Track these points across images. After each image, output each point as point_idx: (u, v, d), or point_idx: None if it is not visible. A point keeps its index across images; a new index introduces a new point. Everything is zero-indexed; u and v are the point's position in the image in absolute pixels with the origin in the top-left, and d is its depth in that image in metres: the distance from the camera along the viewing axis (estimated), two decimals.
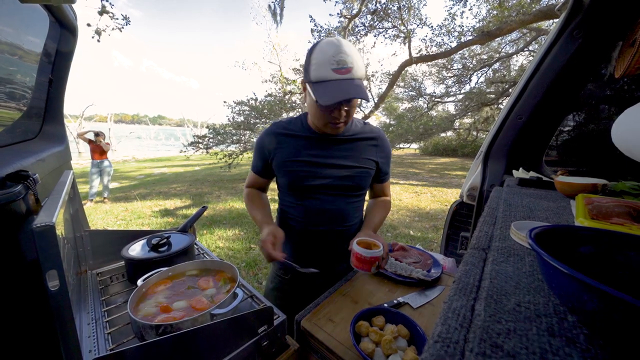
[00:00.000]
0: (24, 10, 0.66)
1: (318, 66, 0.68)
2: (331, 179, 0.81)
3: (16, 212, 0.56)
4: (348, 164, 0.82)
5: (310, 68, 0.70)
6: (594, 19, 0.89)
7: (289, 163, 0.82)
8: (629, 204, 0.48)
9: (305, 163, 0.81)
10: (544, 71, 1.01)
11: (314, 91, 0.69)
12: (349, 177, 0.83)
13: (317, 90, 0.68)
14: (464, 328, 0.24)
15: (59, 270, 0.41)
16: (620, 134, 0.64)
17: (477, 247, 0.41)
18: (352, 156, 0.83)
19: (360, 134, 0.85)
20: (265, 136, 0.86)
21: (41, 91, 0.86)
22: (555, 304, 0.26)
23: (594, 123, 1.07)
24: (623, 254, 0.28)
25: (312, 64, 0.69)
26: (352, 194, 0.86)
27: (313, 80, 0.69)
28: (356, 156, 0.83)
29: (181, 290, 0.66)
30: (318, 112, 0.74)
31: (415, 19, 6.70)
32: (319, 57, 0.68)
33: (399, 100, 14.81)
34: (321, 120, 0.76)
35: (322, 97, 0.67)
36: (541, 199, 0.70)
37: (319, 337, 0.58)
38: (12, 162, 0.62)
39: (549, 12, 4.75)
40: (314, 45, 0.71)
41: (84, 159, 12.31)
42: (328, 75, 0.67)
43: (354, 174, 0.83)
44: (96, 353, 0.54)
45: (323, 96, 0.67)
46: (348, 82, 0.67)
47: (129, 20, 5.70)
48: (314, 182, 0.81)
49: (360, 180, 0.85)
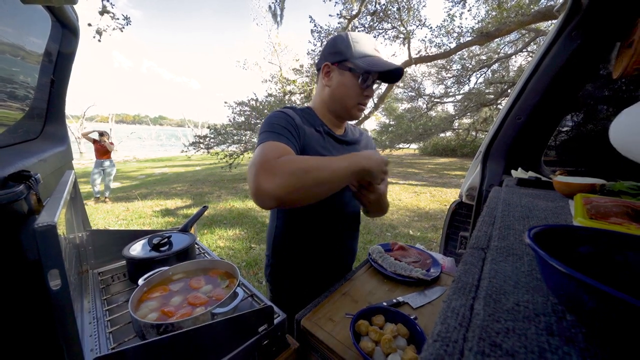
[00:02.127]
0: (25, 10, 0.67)
1: (360, 44, 0.73)
2: None
3: (18, 211, 0.56)
4: None
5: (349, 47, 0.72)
6: (592, 20, 0.89)
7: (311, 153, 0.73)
8: (627, 203, 0.48)
9: (325, 153, 0.78)
10: (542, 72, 1.02)
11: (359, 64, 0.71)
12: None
13: (364, 62, 0.71)
14: (463, 327, 0.24)
15: (60, 269, 0.42)
16: (618, 135, 0.64)
17: (476, 247, 0.42)
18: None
19: (357, 138, 0.90)
20: (293, 110, 0.75)
21: (43, 92, 0.87)
22: (554, 304, 0.26)
23: (592, 123, 1.08)
24: (621, 253, 0.28)
25: (352, 43, 0.72)
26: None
27: (356, 55, 0.72)
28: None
29: (182, 290, 0.66)
30: (353, 90, 0.75)
31: (414, 20, 6.71)
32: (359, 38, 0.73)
33: (399, 100, 14.81)
34: (354, 99, 0.76)
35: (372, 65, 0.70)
36: (540, 199, 0.70)
37: (319, 336, 0.58)
38: (14, 162, 0.62)
39: (548, 13, 4.76)
40: (343, 34, 0.75)
41: (85, 159, 12.31)
42: (372, 52, 0.73)
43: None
44: (98, 352, 0.54)
45: (373, 65, 0.70)
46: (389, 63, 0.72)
47: (129, 20, 5.71)
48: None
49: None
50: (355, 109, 0.77)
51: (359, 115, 0.79)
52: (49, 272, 0.41)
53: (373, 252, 0.93)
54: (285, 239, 0.86)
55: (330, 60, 0.76)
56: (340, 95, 0.76)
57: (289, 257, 0.86)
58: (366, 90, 0.75)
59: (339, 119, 0.83)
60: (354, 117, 0.80)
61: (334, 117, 0.82)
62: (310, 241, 0.84)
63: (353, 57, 0.72)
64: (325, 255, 0.86)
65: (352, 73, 0.73)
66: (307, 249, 0.84)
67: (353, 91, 0.74)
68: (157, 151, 19.07)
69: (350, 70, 0.73)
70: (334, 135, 0.81)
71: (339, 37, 0.75)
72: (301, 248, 0.84)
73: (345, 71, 0.73)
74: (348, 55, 0.73)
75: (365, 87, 0.75)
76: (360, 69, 0.71)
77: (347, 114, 0.79)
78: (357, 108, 0.77)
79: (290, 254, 0.86)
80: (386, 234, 3.71)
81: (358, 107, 0.77)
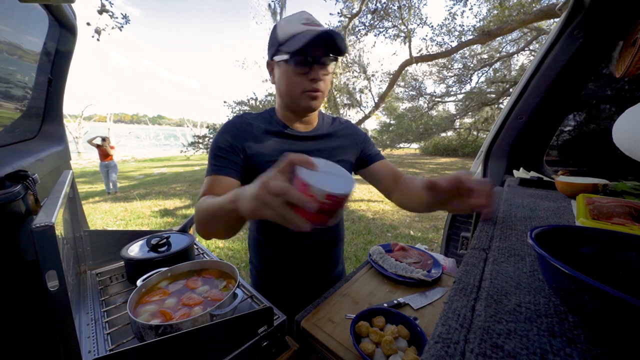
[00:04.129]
0: (23, 9, 0.66)
1: (286, 25, 0.65)
2: None
3: (15, 212, 0.56)
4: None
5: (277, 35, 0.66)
6: (594, 19, 0.88)
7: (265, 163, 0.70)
8: (630, 204, 0.48)
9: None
10: (544, 71, 1.01)
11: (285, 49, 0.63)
12: None
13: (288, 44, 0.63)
14: (465, 328, 0.24)
15: (58, 270, 0.41)
16: (621, 134, 0.64)
17: (478, 247, 0.41)
18: (329, 155, 0.77)
19: (332, 130, 0.81)
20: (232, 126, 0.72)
21: (40, 91, 0.86)
22: (556, 304, 0.26)
23: (594, 123, 1.07)
24: (624, 254, 0.28)
25: (278, 31, 0.65)
26: None
27: (281, 39, 0.64)
28: (333, 154, 0.78)
29: (180, 291, 0.66)
30: (291, 79, 0.66)
31: (415, 18, 6.71)
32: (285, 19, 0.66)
33: (399, 100, 14.81)
34: (298, 89, 0.67)
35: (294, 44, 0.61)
36: (542, 199, 0.70)
37: (319, 338, 0.58)
38: (12, 162, 0.62)
39: (550, 11, 4.75)
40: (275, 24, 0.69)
41: (83, 159, 12.32)
42: (299, 28, 0.63)
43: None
44: (96, 353, 0.54)
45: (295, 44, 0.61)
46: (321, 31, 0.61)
47: (128, 19, 5.71)
48: None
49: None
50: (302, 98, 0.68)
51: (312, 104, 0.69)
52: (46, 273, 0.40)
53: (373, 252, 0.92)
54: (259, 242, 0.83)
55: (269, 56, 0.70)
56: (283, 88, 0.70)
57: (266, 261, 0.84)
58: (309, 73, 0.65)
59: (296, 114, 0.75)
60: (308, 107, 0.70)
61: (291, 113, 0.75)
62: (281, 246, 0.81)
63: (280, 44, 0.65)
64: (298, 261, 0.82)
65: (285, 62, 0.65)
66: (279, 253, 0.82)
67: (291, 80, 0.67)
68: (155, 151, 19.09)
69: (284, 60, 0.65)
70: (293, 134, 0.75)
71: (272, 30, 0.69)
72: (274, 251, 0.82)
73: (280, 62, 0.67)
74: (277, 44, 0.66)
75: (305, 72, 0.65)
76: (288, 53, 0.63)
77: (297, 106, 0.70)
78: (306, 97, 0.68)
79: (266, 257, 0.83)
80: (387, 235, 3.70)
81: (306, 94, 0.68)
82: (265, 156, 0.71)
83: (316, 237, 0.82)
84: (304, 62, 0.64)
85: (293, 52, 0.62)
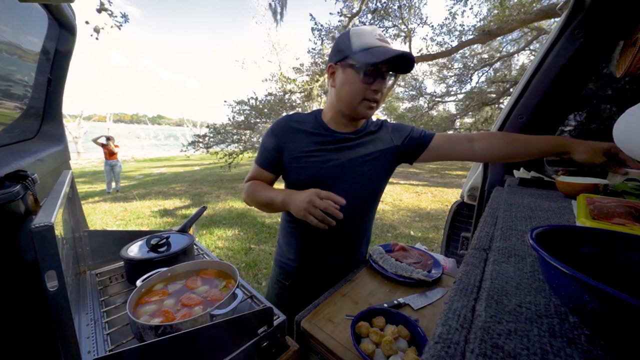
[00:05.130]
0: (22, 9, 0.66)
1: (360, 37, 0.69)
2: (347, 182, 0.79)
3: (15, 212, 0.56)
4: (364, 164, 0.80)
5: (350, 43, 0.70)
6: (595, 18, 0.88)
7: (302, 159, 0.78)
8: (631, 204, 0.48)
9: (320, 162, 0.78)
10: (545, 70, 1.01)
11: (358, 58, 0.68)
12: (364, 179, 0.81)
13: (363, 55, 0.68)
14: (465, 329, 0.24)
15: (57, 270, 0.41)
16: (621, 134, 0.64)
17: (478, 248, 0.41)
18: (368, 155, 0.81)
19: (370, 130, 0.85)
20: (277, 127, 0.82)
21: (40, 91, 0.86)
22: (557, 305, 0.26)
23: (595, 122, 1.07)
24: (624, 254, 0.28)
25: (352, 39, 0.70)
26: (367, 199, 0.84)
27: (355, 49, 0.69)
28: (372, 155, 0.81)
29: (180, 291, 0.65)
30: (356, 86, 0.71)
31: (415, 18, 6.70)
32: (360, 32, 0.70)
33: (400, 99, 14.80)
34: (359, 96, 0.72)
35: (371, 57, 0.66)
36: (542, 199, 0.70)
37: (319, 338, 0.58)
38: (11, 162, 0.61)
39: (550, 11, 4.75)
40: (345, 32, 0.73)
41: (82, 159, 12.32)
42: (373, 42, 0.68)
43: (370, 175, 0.81)
44: (95, 354, 0.54)
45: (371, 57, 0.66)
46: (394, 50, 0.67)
47: (127, 18, 5.70)
48: (328, 183, 0.78)
49: (376, 182, 0.83)
50: (361, 106, 0.74)
51: (368, 112, 0.75)
52: (46, 273, 0.40)
53: (374, 252, 0.92)
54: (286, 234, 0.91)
55: (333, 60, 0.74)
56: (345, 93, 0.74)
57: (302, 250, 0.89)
58: (373, 84, 0.71)
59: (348, 119, 0.80)
60: (363, 115, 0.75)
61: (342, 117, 0.79)
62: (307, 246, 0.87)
63: (353, 52, 0.69)
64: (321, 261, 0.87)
65: (353, 69, 0.70)
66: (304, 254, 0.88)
67: (356, 87, 0.71)
68: (155, 151, 19.08)
69: (352, 67, 0.70)
70: (335, 133, 0.80)
71: (341, 35, 0.74)
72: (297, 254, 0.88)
73: (347, 68, 0.71)
74: (349, 52, 0.70)
75: (370, 82, 0.70)
76: (360, 63, 0.68)
77: (354, 112, 0.76)
78: (364, 105, 0.73)
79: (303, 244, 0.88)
80: (387, 235, 3.70)
81: (364, 103, 0.73)
82: (302, 152, 0.79)
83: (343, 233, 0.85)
84: (373, 73, 0.69)
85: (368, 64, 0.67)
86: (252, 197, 0.81)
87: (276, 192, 0.76)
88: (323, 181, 0.77)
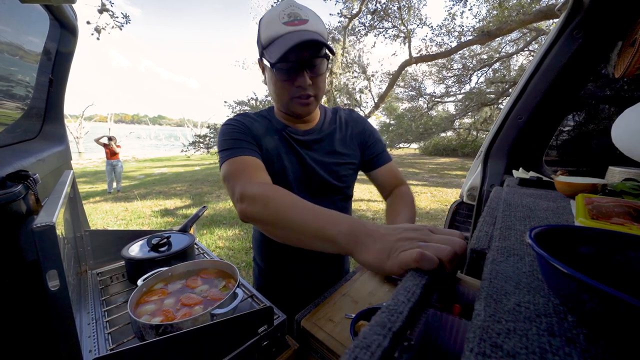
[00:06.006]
0: (24, 10, 0.66)
1: (267, 25, 0.58)
2: (312, 181, 0.72)
3: (16, 212, 0.56)
4: (328, 162, 0.73)
5: (260, 36, 0.60)
6: (594, 19, 0.88)
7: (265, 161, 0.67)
8: (629, 203, 0.48)
9: (286, 162, 0.70)
10: (544, 71, 1.01)
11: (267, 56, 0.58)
12: (332, 176, 0.74)
13: (269, 51, 0.58)
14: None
15: (59, 270, 0.41)
16: (620, 134, 0.64)
17: (477, 247, 0.41)
18: (331, 153, 0.74)
19: (333, 128, 0.76)
20: (244, 119, 0.70)
21: (41, 91, 0.87)
22: (555, 304, 0.26)
23: (594, 123, 1.07)
24: (623, 254, 0.28)
25: (261, 30, 0.60)
26: (336, 196, 0.77)
27: (265, 44, 0.59)
28: (336, 152, 0.74)
29: (181, 290, 0.66)
30: (279, 85, 0.61)
31: (415, 18, 6.72)
32: (268, 16, 0.59)
33: (399, 100, 14.83)
34: (285, 96, 0.63)
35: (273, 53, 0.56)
36: (541, 199, 0.70)
37: (319, 337, 0.58)
38: (13, 162, 0.62)
39: (549, 12, 4.76)
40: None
41: (83, 159, 12.33)
42: (279, 30, 0.57)
43: (337, 173, 0.74)
44: (96, 353, 0.54)
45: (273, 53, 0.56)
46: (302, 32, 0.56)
47: (128, 18, 5.71)
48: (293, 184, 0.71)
49: (344, 179, 0.76)
50: (292, 105, 0.64)
51: (304, 109, 0.65)
52: (47, 273, 0.41)
53: None
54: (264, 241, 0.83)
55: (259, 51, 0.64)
56: (272, 94, 0.66)
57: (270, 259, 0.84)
58: (296, 80, 0.60)
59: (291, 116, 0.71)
60: (299, 113, 0.66)
61: (287, 115, 0.72)
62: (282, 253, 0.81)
63: (264, 48, 0.60)
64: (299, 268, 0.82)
65: (269, 67, 0.60)
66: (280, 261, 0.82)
67: (279, 86, 0.62)
68: (156, 151, 19.10)
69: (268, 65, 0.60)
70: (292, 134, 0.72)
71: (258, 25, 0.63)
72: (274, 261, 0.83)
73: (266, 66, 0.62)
74: (260, 47, 0.61)
75: (289, 79, 0.60)
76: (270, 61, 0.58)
77: (289, 111, 0.68)
78: (296, 103, 0.63)
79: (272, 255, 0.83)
80: None
81: (296, 101, 0.63)
82: (275, 155, 0.69)
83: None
84: (288, 69, 0.59)
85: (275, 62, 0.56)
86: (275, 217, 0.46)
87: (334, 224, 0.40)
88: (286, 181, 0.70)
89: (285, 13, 0.57)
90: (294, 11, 0.58)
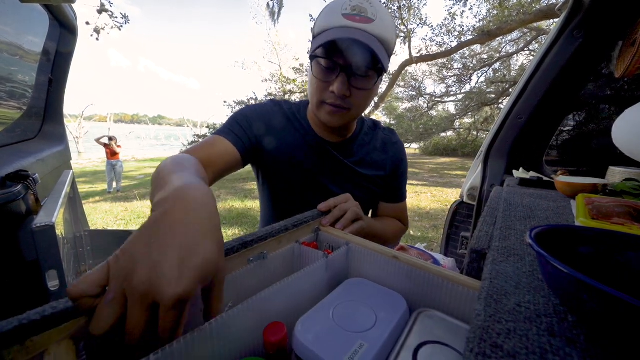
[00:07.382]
0: (23, 10, 0.66)
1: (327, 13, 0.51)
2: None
3: (16, 212, 0.56)
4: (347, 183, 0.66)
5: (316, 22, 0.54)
6: (594, 19, 0.88)
7: (282, 162, 0.63)
8: (630, 204, 0.48)
9: (302, 171, 0.63)
10: (544, 71, 1.01)
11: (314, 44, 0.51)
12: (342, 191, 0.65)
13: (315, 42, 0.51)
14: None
15: (58, 270, 0.41)
16: (620, 134, 0.64)
17: (477, 247, 0.41)
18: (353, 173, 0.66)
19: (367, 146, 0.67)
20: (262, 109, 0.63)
21: (41, 91, 0.86)
22: (556, 304, 0.26)
23: (594, 123, 1.07)
24: (623, 254, 0.28)
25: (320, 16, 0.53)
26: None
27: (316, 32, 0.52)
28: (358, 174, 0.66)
29: None
30: (313, 82, 0.54)
31: (415, 18, 6.71)
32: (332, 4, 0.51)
33: (399, 100, 14.82)
34: (316, 97, 0.55)
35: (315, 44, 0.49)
36: (541, 199, 0.70)
37: None
38: (12, 162, 0.62)
39: (550, 11, 4.76)
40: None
41: (83, 158, 12.34)
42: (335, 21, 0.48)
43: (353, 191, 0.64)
44: None
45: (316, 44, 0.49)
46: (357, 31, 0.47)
47: (128, 19, 5.72)
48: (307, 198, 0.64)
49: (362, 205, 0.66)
50: (321, 110, 0.55)
51: (331, 119, 0.56)
52: (47, 273, 0.41)
53: None
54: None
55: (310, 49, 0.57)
56: (308, 88, 0.58)
57: None
58: (332, 83, 0.51)
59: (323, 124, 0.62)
60: (325, 122, 0.57)
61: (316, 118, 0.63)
62: None
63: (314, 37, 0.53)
64: None
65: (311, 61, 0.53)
66: None
67: (312, 84, 0.54)
68: (156, 151, 19.12)
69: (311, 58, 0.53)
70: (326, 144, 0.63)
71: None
72: None
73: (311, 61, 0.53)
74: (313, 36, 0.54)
75: (326, 79, 0.52)
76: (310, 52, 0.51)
77: (316, 116, 0.59)
78: (326, 109, 0.55)
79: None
80: None
81: (325, 107, 0.55)
82: (283, 154, 0.62)
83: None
84: (326, 68, 0.51)
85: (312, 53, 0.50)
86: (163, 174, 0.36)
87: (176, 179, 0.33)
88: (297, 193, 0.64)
89: (350, 4, 0.49)
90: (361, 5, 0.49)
